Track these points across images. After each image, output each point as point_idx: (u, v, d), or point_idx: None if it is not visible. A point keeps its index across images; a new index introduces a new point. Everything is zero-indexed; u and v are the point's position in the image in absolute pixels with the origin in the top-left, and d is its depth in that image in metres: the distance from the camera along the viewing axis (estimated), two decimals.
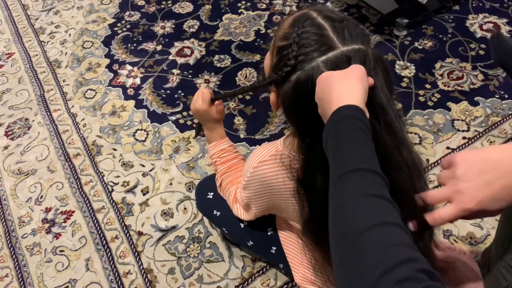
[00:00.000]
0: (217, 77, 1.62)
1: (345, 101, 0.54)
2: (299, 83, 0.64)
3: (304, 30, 0.64)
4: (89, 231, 1.26)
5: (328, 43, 0.62)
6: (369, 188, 0.47)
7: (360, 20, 1.75)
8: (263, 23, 1.81)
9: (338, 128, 0.53)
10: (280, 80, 0.67)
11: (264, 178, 0.79)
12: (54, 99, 1.62)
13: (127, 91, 1.62)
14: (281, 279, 1.13)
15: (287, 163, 0.74)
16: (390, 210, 0.46)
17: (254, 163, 0.79)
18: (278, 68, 0.67)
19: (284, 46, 0.67)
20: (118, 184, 1.35)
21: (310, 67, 0.62)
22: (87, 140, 1.47)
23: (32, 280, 1.18)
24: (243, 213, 0.93)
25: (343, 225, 0.46)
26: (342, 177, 0.49)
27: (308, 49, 0.63)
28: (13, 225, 1.29)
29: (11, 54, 1.81)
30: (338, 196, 0.48)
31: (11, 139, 1.51)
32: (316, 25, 0.65)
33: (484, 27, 1.66)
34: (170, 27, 1.84)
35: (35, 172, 1.41)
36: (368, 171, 0.49)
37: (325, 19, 0.65)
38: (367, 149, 0.51)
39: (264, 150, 0.79)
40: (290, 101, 0.67)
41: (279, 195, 0.80)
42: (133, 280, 1.15)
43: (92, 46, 1.80)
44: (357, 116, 0.53)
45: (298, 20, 0.66)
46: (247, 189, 0.84)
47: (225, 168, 0.96)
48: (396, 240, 0.43)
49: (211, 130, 0.97)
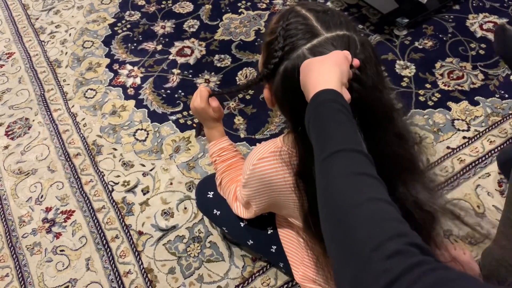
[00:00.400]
0: (217, 76, 1.62)
1: (322, 86, 0.55)
2: (286, 73, 0.65)
3: (289, 22, 0.66)
4: (89, 231, 1.26)
5: (313, 31, 0.64)
6: (354, 167, 0.48)
7: (360, 20, 1.76)
8: (263, 22, 1.81)
9: (318, 112, 0.54)
10: (270, 74, 0.68)
11: (264, 175, 0.79)
12: (55, 99, 1.62)
13: (127, 90, 1.62)
14: (281, 279, 1.13)
15: (286, 159, 0.75)
16: (376, 186, 0.47)
17: (253, 160, 0.79)
18: (267, 62, 0.68)
19: (271, 40, 0.68)
20: (118, 184, 1.35)
21: (295, 55, 0.64)
22: (88, 139, 1.47)
23: (33, 280, 1.18)
24: (243, 211, 0.93)
25: (331, 205, 0.46)
26: (327, 159, 0.50)
27: (293, 38, 0.65)
28: (13, 225, 1.29)
29: (12, 53, 1.81)
30: (324, 177, 0.49)
31: (11, 138, 1.51)
32: (300, 16, 0.66)
33: (484, 26, 1.66)
34: (170, 26, 1.84)
35: (36, 171, 1.41)
36: (351, 151, 0.49)
37: (309, 11, 0.67)
38: (348, 129, 0.52)
39: (263, 147, 0.79)
40: (280, 92, 0.68)
41: (279, 191, 0.80)
42: (134, 279, 1.16)
43: (93, 46, 1.80)
44: (335, 99, 0.54)
45: (283, 15, 0.68)
46: (247, 187, 0.84)
47: (224, 167, 0.96)
48: (384, 215, 0.43)
49: (210, 129, 0.97)
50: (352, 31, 0.65)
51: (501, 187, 1.22)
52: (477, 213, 1.18)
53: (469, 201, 1.20)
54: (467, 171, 1.27)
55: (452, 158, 1.31)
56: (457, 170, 1.28)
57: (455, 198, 1.21)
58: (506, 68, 1.52)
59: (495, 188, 1.22)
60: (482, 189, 1.22)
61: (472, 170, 1.27)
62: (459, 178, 1.26)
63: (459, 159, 1.30)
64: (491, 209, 1.18)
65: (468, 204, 1.20)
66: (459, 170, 1.27)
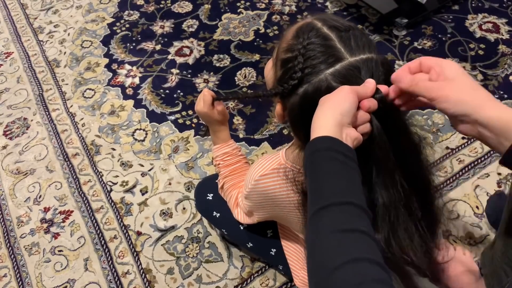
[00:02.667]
0: (216, 76, 1.62)
1: (317, 131, 0.54)
2: (306, 96, 0.62)
3: (310, 42, 0.62)
4: (87, 231, 1.25)
5: (335, 54, 0.60)
6: (341, 223, 0.47)
7: (359, 20, 1.75)
8: (262, 22, 1.81)
9: (311, 161, 0.53)
10: (286, 93, 0.65)
11: (266, 191, 0.78)
12: (53, 99, 1.61)
13: (126, 90, 1.61)
14: (280, 280, 1.12)
15: (291, 176, 0.73)
16: (362, 243, 0.46)
17: (256, 176, 0.77)
18: (284, 80, 0.65)
19: (289, 58, 0.65)
20: (117, 184, 1.34)
21: (317, 79, 0.60)
22: (86, 139, 1.47)
23: (31, 280, 1.17)
24: (244, 218, 0.92)
25: (316, 263, 0.47)
26: (316, 213, 0.49)
27: (314, 61, 0.61)
28: (11, 225, 1.29)
29: (10, 53, 1.81)
30: (312, 232, 0.49)
31: (9, 138, 1.51)
32: (321, 35, 0.62)
33: (484, 27, 1.66)
34: (169, 26, 1.84)
35: (34, 171, 1.40)
36: (340, 204, 0.49)
37: (330, 29, 0.63)
38: (340, 179, 0.51)
39: (266, 163, 0.78)
40: (297, 114, 0.65)
41: (282, 207, 0.80)
42: (132, 280, 1.15)
43: (91, 46, 1.80)
44: (329, 147, 0.52)
45: (303, 31, 0.64)
46: (249, 200, 0.83)
47: (227, 172, 0.95)
48: (363, 279, 0.43)
49: (215, 133, 0.96)
50: (374, 52, 0.62)
51: (500, 188, 1.22)
52: (476, 214, 1.18)
53: (468, 201, 1.20)
54: (466, 172, 1.27)
55: (451, 158, 1.30)
56: (456, 170, 1.27)
57: (454, 199, 1.21)
58: (505, 68, 1.52)
59: (494, 188, 1.22)
60: (481, 190, 1.22)
61: (471, 170, 1.27)
62: (458, 178, 1.26)
63: (458, 160, 1.30)
64: None
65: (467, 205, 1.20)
66: (458, 171, 1.27)
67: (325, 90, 0.60)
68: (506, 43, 1.60)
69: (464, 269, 0.96)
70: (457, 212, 1.19)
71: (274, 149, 1.39)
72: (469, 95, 0.52)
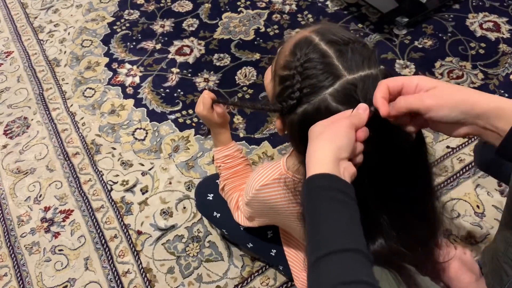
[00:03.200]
0: (217, 76, 1.62)
1: (314, 167, 0.52)
2: (306, 116, 0.61)
3: (307, 59, 0.61)
4: (88, 230, 1.25)
5: (334, 72, 0.59)
6: (341, 276, 0.46)
7: (360, 19, 1.75)
8: (262, 22, 1.80)
9: (309, 201, 0.52)
10: (285, 111, 0.64)
11: (267, 200, 0.78)
12: (53, 98, 1.61)
13: (126, 90, 1.61)
14: (280, 279, 1.12)
15: (291, 186, 0.73)
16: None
17: (256, 186, 0.77)
18: (282, 99, 0.64)
19: (286, 76, 0.63)
20: (117, 183, 1.34)
21: (317, 100, 0.60)
22: (86, 139, 1.47)
23: (31, 279, 1.17)
24: (244, 221, 0.92)
25: None
26: (316, 263, 0.48)
27: (313, 80, 0.60)
28: (12, 224, 1.29)
29: (10, 52, 1.81)
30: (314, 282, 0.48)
31: (10, 138, 1.51)
32: (319, 52, 0.61)
33: (484, 26, 1.66)
34: (169, 25, 1.83)
35: (34, 171, 1.40)
36: (340, 252, 0.47)
37: (328, 45, 0.61)
38: (339, 222, 0.50)
39: (266, 172, 0.77)
40: (296, 132, 0.65)
41: (284, 216, 0.80)
42: (132, 279, 1.15)
43: (91, 45, 1.79)
44: (328, 186, 0.51)
45: (300, 47, 0.62)
46: (250, 207, 0.83)
47: (229, 174, 0.95)
48: None
49: (216, 135, 0.96)
50: (374, 66, 0.60)
51: (500, 187, 1.22)
52: (476, 213, 1.18)
53: (469, 200, 1.20)
54: (466, 171, 1.27)
55: (451, 157, 1.30)
56: (456, 169, 1.27)
57: (455, 198, 1.21)
58: (505, 67, 1.51)
59: (494, 187, 1.22)
60: (482, 189, 1.22)
61: (472, 169, 1.27)
62: (459, 177, 1.26)
63: (459, 159, 1.30)
64: (490, 208, 1.18)
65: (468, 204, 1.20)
66: (458, 170, 1.27)
67: (324, 110, 0.59)
68: (506, 42, 1.59)
69: (464, 268, 0.96)
70: (458, 211, 1.19)
71: (274, 148, 1.39)
72: (460, 97, 0.52)
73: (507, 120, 0.50)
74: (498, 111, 0.50)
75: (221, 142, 0.97)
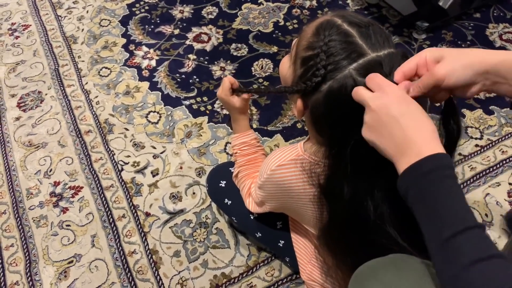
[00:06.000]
0: (233, 65, 1.62)
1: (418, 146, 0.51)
2: (331, 93, 0.62)
3: (331, 39, 0.62)
4: (96, 208, 1.26)
5: (357, 50, 0.61)
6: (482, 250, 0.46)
7: (380, 21, 1.75)
8: (282, 15, 1.80)
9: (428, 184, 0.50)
10: (308, 90, 0.65)
11: (282, 182, 0.78)
12: (69, 75, 1.61)
13: (142, 72, 1.61)
14: (285, 271, 1.13)
15: (307, 167, 0.73)
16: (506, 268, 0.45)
17: (272, 166, 0.77)
18: (306, 78, 0.65)
19: (310, 56, 0.64)
20: (128, 164, 1.35)
21: (342, 75, 0.61)
22: (100, 117, 1.47)
23: (37, 252, 1.18)
24: (254, 207, 0.93)
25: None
26: (450, 240, 0.47)
27: (337, 57, 0.61)
28: (20, 196, 1.29)
29: (28, 26, 1.80)
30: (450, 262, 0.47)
31: (23, 110, 1.51)
32: (342, 32, 0.62)
33: (504, 37, 1.66)
34: (188, 12, 1.83)
35: (46, 145, 1.41)
36: (475, 228, 0.47)
37: (351, 26, 0.63)
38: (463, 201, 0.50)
39: (283, 153, 0.77)
40: (321, 111, 0.65)
41: (297, 199, 0.79)
42: (138, 259, 1.16)
43: (109, 25, 1.79)
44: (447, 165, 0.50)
45: (323, 28, 0.64)
46: (263, 189, 0.84)
47: (244, 161, 0.96)
48: None
49: (234, 121, 0.97)
50: (393, 46, 0.63)
51: (510, 197, 1.22)
52: (484, 221, 1.18)
53: (478, 208, 1.21)
54: (477, 179, 1.27)
55: (463, 165, 1.31)
56: (467, 177, 1.28)
57: None
58: None
59: (504, 198, 1.22)
60: (491, 198, 1.23)
61: (483, 178, 1.27)
62: (469, 185, 1.26)
63: (470, 167, 1.30)
64: (499, 218, 1.18)
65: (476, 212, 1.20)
66: (469, 177, 1.27)
67: (350, 85, 0.60)
68: None
69: None
70: None
71: (286, 142, 1.39)
72: (467, 57, 0.56)
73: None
74: (506, 63, 0.54)
75: (239, 129, 0.98)
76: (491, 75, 0.55)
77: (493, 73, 0.55)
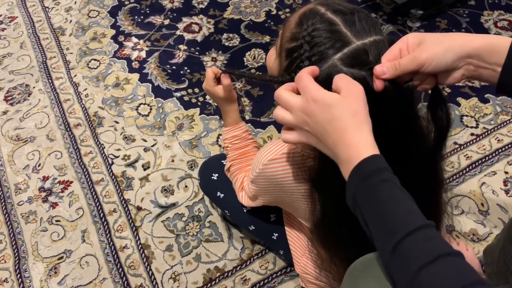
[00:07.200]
0: (225, 56, 1.59)
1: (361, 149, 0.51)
2: None
3: (314, 28, 0.60)
4: (86, 203, 1.23)
5: (342, 39, 0.59)
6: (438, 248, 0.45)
7: (374, 9, 1.72)
8: (274, 4, 1.77)
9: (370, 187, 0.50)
10: None
11: (274, 176, 0.76)
12: (57, 67, 1.58)
13: (131, 64, 1.58)
14: (279, 264, 1.11)
15: (299, 161, 0.71)
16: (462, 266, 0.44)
17: (264, 160, 0.75)
18: (291, 70, 0.63)
19: (294, 47, 0.63)
20: (118, 157, 1.32)
21: (327, 66, 0.59)
22: (89, 110, 1.44)
23: (26, 248, 1.16)
24: (247, 201, 0.91)
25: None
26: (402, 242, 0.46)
27: (321, 47, 0.59)
28: (9, 192, 1.26)
29: (14, 17, 1.76)
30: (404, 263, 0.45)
31: (10, 104, 1.48)
32: (326, 21, 0.60)
33: (499, 24, 1.64)
34: (178, 1, 1.79)
35: (34, 139, 1.38)
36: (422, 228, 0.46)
37: (334, 13, 0.61)
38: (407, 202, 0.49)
39: (275, 147, 0.75)
40: None
41: (290, 193, 0.78)
42: (130, 254, 1.14)
43: (98, 16, 1.75)
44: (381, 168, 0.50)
45: (306, 18, 0.62)
46: (255, 184, 0.82)
47: (236, 155, 0.94)
48: None
49: (224, 113, 0.95)
50: (380, 33, 0.61)
51: (506, 186, 1.21)
52: (480, 211, 1.17)
53: (473, 198, 1.19)
54: (473, 168, 1.26)
55: (458, 154, 1.29)
56: (463, 166, 1.26)
57: (459, 194, 1.20)
58: None
59: (500, 187, 1.21)
60: (487, 187, 1.21)
61: (478, 167, 1.26)
62: (465, 174, 1.24)
63: (466, 156, 1.29)
64: (495, 207, 1.17)
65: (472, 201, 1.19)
66: (465, 167, 1.26)
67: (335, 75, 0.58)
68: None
69: None
70: (462, 208, 1.18)
71: (280, 133, 1.37)
72: (448, 42, 0.54)
73: (499, 55, 0.52)
74: (488, 47, 0.53)
75: (229, 122, 0.96)
76: (474, 60, 0.53)
77: (475, 57, 0.53)
